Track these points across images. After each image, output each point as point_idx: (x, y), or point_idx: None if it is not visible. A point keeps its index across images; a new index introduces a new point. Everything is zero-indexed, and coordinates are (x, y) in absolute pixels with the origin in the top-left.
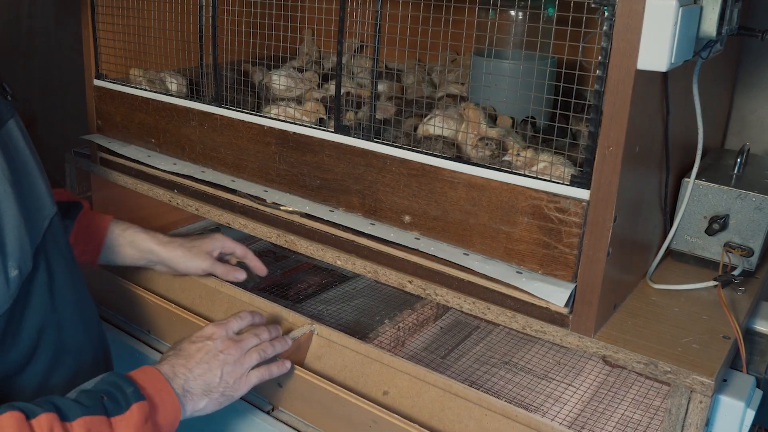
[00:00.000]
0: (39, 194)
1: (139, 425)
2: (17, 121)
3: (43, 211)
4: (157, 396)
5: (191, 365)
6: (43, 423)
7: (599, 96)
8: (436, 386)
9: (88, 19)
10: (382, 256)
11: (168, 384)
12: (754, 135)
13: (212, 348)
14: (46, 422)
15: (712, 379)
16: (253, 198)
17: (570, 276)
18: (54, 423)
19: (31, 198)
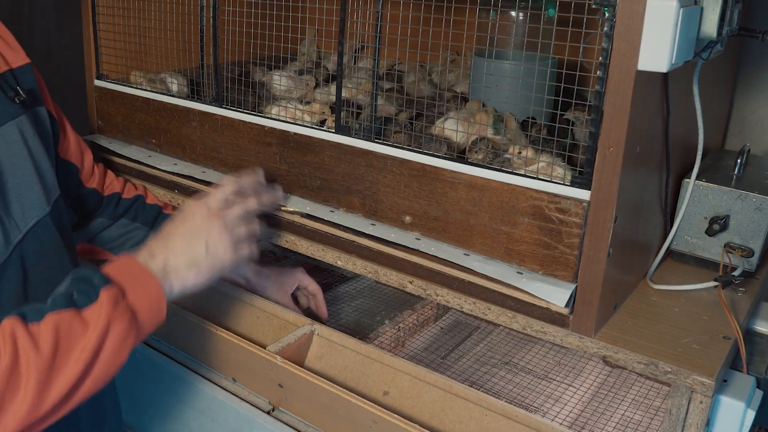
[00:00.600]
0: (28, 195)
1: (110, 311)
2: (20, 124)
3: (30, 211)
4: (129, 279)
5: (171, 244)
6: (5, 327)
7: (600, 97)
8: (436, 386)
9: (88, 19)
10: (382, 256)
11: (142, 266)
12: (754, 136)
13: (192, 223)
14: (8, 327)
15: (712, 379)
16: None
17: (570, 276)
18: (16, 326)
19: (16, 197)
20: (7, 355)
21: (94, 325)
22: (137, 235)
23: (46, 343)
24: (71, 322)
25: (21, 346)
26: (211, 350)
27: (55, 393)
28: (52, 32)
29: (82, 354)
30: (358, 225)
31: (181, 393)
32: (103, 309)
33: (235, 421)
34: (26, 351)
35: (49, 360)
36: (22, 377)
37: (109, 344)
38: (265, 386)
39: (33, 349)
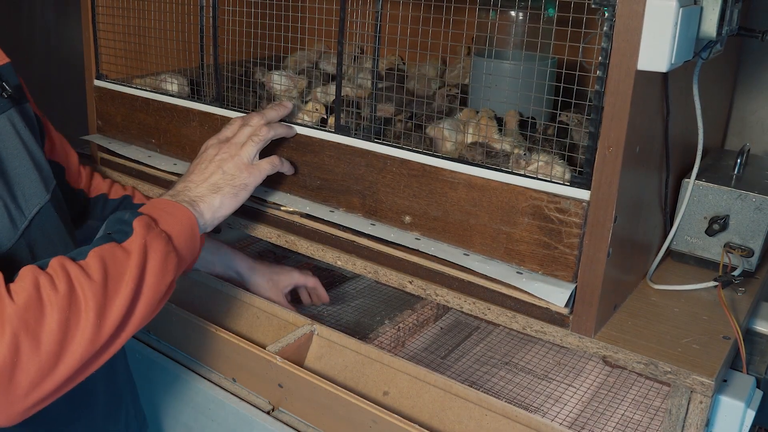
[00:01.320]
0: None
1: (144, 234)
2: (11, 117)
3: (32, 199)
4: (158, 211)
5: (190, 178)
6: (55, 263)
7: (599, 96)
8: (436, 386)
9: (88, 19)
10: (382, 256)
11: (167, 200)
12: (754, 135)
13: (206, 156)
14: (57, 263)
15: (712, 379)
16: (254, 198)
17: (570, 276)
18: (65, 261)
19: (18, 186)
20: (62, 283)
21: (134, 251)
22: None
23: (96, 271)
24: (114, 251)
25: (74, 276)
26: (211, 350)
27: (113, 317)
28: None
29: (129, 278)
30: (357, 225)
31: (181, 393)
32: (139, 235)
33: (235, 421)
34: (79, 280)
35: (101, 286)
36: (81, 303)
37: (151, 266)
38: (264, 386)
39: (85, 277)
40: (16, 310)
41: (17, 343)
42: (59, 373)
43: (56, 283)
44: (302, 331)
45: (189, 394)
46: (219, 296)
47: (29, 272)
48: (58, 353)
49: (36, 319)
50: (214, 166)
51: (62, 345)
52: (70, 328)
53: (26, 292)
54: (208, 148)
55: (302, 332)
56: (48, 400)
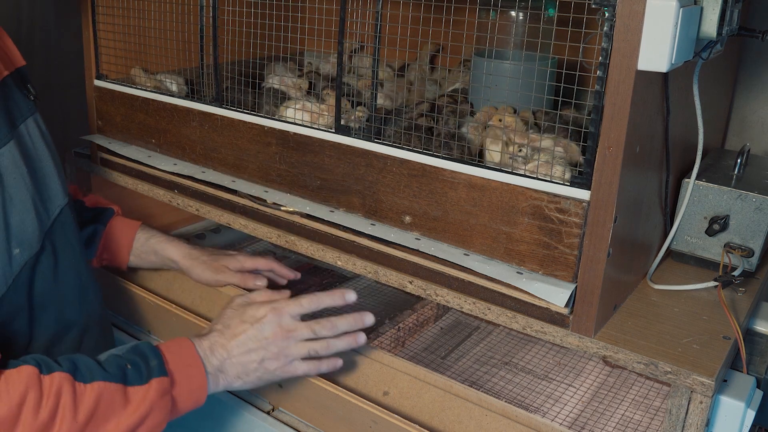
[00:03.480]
0: (52, 185)
1: (155, 399)
2: (37, 120)
3: (55, 200)
4: (183, 372)
5: (231, 346)
6: (55, 381)
7: (599, 96)
8: (436, 387)
9: (88, 19)
10: (382, 256)
11: (200, 362)
12: (754, 135)
13: (259, 333)
14: (57, 381)
15: (712, 379)
16: (254, 198)
17: (570, 276)
18: (64, 383)
19: (44, 188)
20: (47, 410)
21: (135, 406)
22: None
23: (85, 409)
24: (114, 395)
25: (62, 406)
26: None
27: None
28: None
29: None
30: (357, 225)
31: None
32: (149, 395)
33: (235, 421)
34: (64, 413)
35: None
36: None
37: (143, 429)
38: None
39: (71, 412)
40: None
41: None
42: None
43: (40, 408)
44: None
45: None
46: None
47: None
48: None
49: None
50: (258, 353)
51: None
52: None
53: (7, 405)
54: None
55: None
56: None
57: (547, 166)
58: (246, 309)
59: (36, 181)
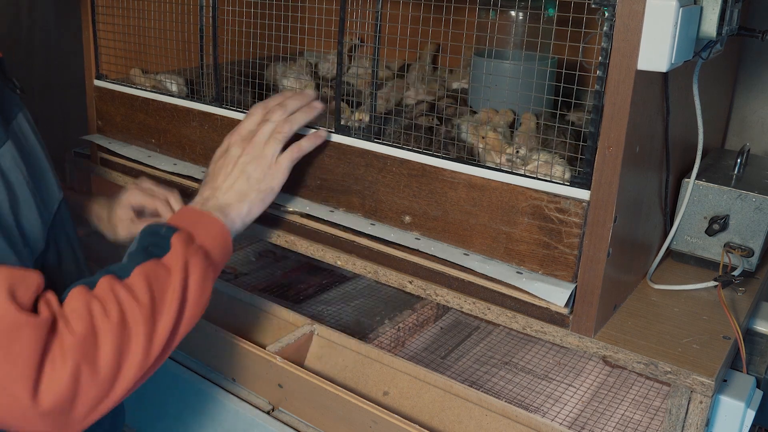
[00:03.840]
0: (48, 181)
1: (184, 251)
2: (26, 114)
3: (53, 195)
4: (192, 224)
5: (217, 183)
6: (104, 286)
7: (599, 96)
8: (436, 386)
9: (88, 19)
10: (382, 256)
11: (199, 211)
12: (754, 135)
13: (230, 158)
14: (106, 285)
15: (712, 379)
16: None
17: (570, 276)
18: (113, 283)
19: (43, 184)
20: (114, 310)
21: (174, 268)
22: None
23: (143, 293)
24: (156, 270)
25: (123, 301)
26: (211, 350)
27: (160, 339)
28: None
29: (173, 298)
30: (357, 225)
31: (181, 393)
32: (178, 252)
33: (235, 421)
34: (129, 305)
35: (149, 310)
36: (131, 329)
37: (193, 283)
38: (264, 386)
39: (134, 301)
40: (76, 341)
41: (78, 373)
42: (113, 397)
43: (108, 311)
44: (302, 331)
45: (189, 394)
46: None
47: (81, 297)
48: (113, 379)
49: (93, 349)
50: (239, 170)
51: (117, 371)
52: (123, 354)
53: (83, 321)
54: (231, 147)
55: (302, 332)
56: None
57: (547, 166)
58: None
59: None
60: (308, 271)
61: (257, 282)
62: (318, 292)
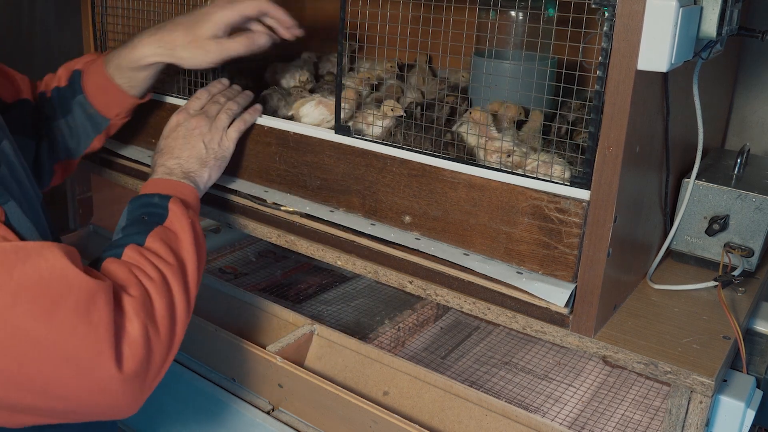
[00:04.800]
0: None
1: (185, 213)
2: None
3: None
4: (175, 190)
5: (177, 153)
6: (133, 253)
7: (599, 96)
8: (436, 386)
9: (88, 19)
10: (382, 256)
11: (171, 180)
12: (754, 135)
13: (184, 130)
14: (134, 251)
15: (712, 379)
16: (254, 198)
17: (570, 276)
18: (139, 249)
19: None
20: (154, 272)
21: (181, 229)
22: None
23: (168, 255)
24: (166, 233)
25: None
26: (211, 350)
27: (192, 290)
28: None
29: (190, 252)
30: (357, 225)
31: (181, 393)
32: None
33: (235, 421)
34: (162, 265)
35: (177, 267)
36: (172, 287)
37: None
38: (265, 386)
39: (164, 262)
40: (138, 303)
41: (147, 333)
42: (172, 353)
43: (149, 273)
44: (302, 331)
45: (188, 394)
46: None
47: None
48: (171, 335)
49: (151, 309)
50: (196, 140)
51: (172, 327)
52: (173, 310)
53: (135, 285)
54: (183, 122)
55: (302, 332)
56: None
57: (547, 166)
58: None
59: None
60: (308, 271)
61: (257, 282)
62: (318, 292)
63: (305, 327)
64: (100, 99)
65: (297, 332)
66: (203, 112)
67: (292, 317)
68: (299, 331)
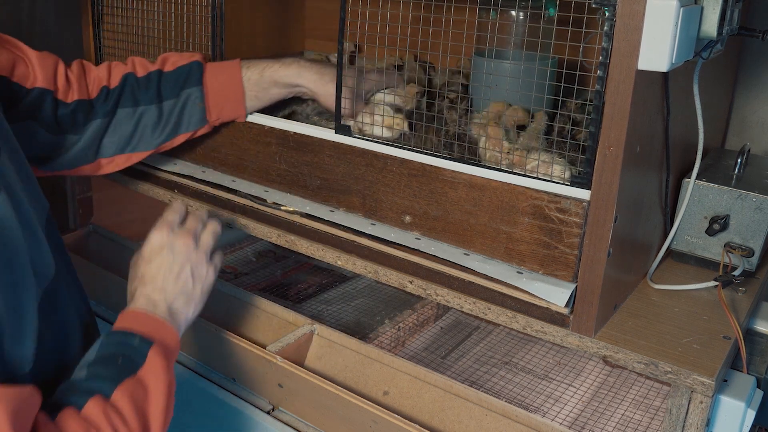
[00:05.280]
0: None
1: (165, 368)
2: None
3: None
4: (158, 333)
5: (161, 285)
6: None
7: (600, 96)
8: (436, 386)
9: (88, 19)
10: (382, 256)
11: (155, 317)
12: (754, 135)
13: (170, 256)
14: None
15: (712, 379)
16: (254, 198)
17: (570, 276)
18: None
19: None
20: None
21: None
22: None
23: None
24: (136, 388)
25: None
26: (211, 350)
27: None
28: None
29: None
30: (357, 225)
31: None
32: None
33: (235, 421)
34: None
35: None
36: None
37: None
38: (265, 386)
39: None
40: None
41: None
42: None
43: None
44: (302, 331)
45: (189, 394)
46: (219, 296)
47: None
48: None
49: None
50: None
51: None
52: None
53: None
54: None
55: (302, 332)
56: None
57: (547, 166)
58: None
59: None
60: (308, 271)
61: (257, 282)
62: (318, 292)
63: (305, 327)
64: (217, 100)
65: (297, 332)
66: (187, 229)
67: (292, 317)
68: (299, 331)
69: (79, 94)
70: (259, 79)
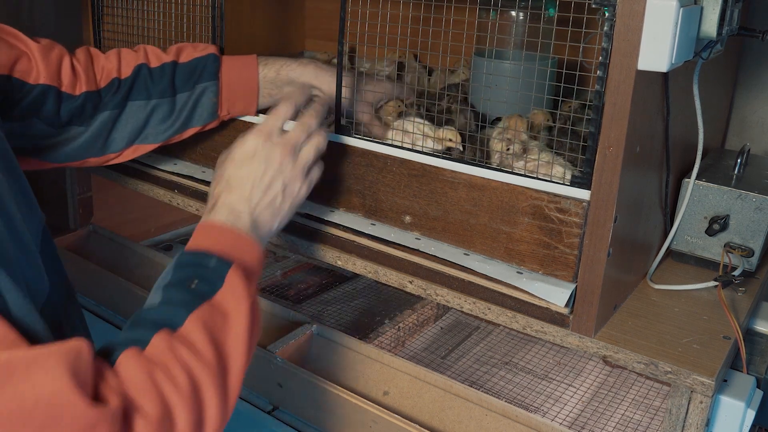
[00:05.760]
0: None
1: (246, 291)
2: None
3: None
4: (236, 251)
5: (248, 194)
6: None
7: (599, 96)
8: (436, 386)
9: (88, 19)
10: (382, 256)
11: (236, 232)
12: (754, 135)
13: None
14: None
15: (712, 379)
16: None
17: (570, 276)
18: (169, 340)
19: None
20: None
21: (235, 312)
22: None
23: (207, 350)
24: (213, 315)
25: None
26: None
27: (233, 394)
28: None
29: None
30: (358, 225)
31: None
32: (239, 292)
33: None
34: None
35: (216, 368)
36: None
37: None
38: (265, 386)
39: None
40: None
41: None
42: None
43: (175, 380)
44: (302, 330)
45: None
46: None
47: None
48: None
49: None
50: (276, 180)
51: None
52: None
53: (153, 400)
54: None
55: (302, 332)
56: None
57: (547, 166)
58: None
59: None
60: (308, 271)
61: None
62: (318, 292)
63: (305, 327)
64: (230, 96)
65: (297, 332)
66: (287, 139)
67: (292, 317)
68: (299, 331)
69: (87, 86)
70: (275, 77)
